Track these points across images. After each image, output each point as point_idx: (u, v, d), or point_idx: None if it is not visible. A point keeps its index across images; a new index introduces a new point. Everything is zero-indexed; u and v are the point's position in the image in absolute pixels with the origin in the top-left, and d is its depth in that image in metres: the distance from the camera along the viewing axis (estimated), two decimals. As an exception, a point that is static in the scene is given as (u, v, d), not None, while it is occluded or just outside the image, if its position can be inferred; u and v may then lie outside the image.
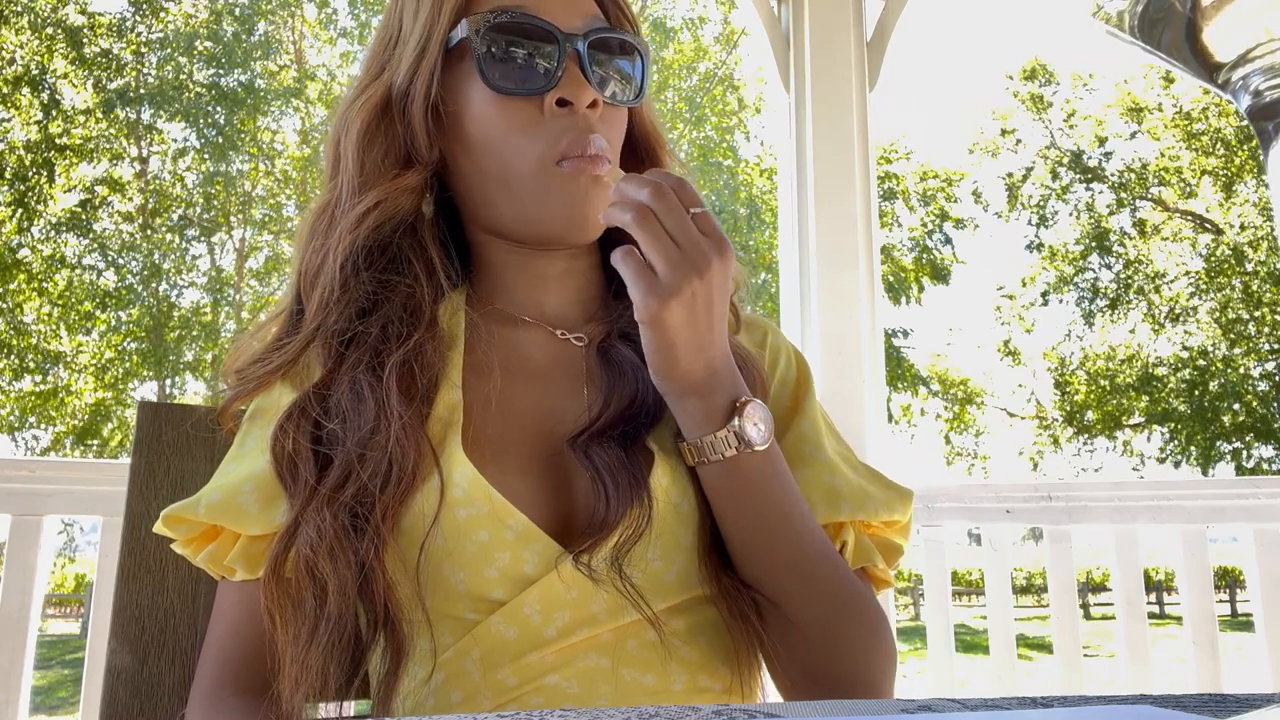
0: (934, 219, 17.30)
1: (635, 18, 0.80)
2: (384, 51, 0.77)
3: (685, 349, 0.64)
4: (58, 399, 13.20)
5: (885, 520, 0.74)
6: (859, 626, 0.68)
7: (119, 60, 13.71)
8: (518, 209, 0.73)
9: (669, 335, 0.63)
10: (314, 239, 0.75)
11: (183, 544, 0.71)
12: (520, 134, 0.71)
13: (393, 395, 0.67)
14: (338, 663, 0.63)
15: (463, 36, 0.72)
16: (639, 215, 0.62)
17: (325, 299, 0.73)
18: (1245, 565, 1.99)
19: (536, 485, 0.69)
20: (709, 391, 0.66)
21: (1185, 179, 16.55)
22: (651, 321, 0.62)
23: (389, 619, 0.64)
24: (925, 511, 2.01)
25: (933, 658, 2.03)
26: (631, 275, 0.63)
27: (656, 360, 0.65)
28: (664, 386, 0.67)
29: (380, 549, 0.64)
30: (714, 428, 0.65)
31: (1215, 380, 15.58)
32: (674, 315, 0.62)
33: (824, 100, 2.33)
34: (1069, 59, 19.89)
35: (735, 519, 0.67)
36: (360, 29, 14.34)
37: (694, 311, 0.63)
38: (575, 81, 0.71)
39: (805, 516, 0.68)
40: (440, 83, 0.73)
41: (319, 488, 0.66)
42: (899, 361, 16.32)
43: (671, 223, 0.62)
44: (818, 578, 0.67)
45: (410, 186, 0.74)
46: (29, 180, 12.87)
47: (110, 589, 1.16)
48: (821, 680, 0.68)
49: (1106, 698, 0.43)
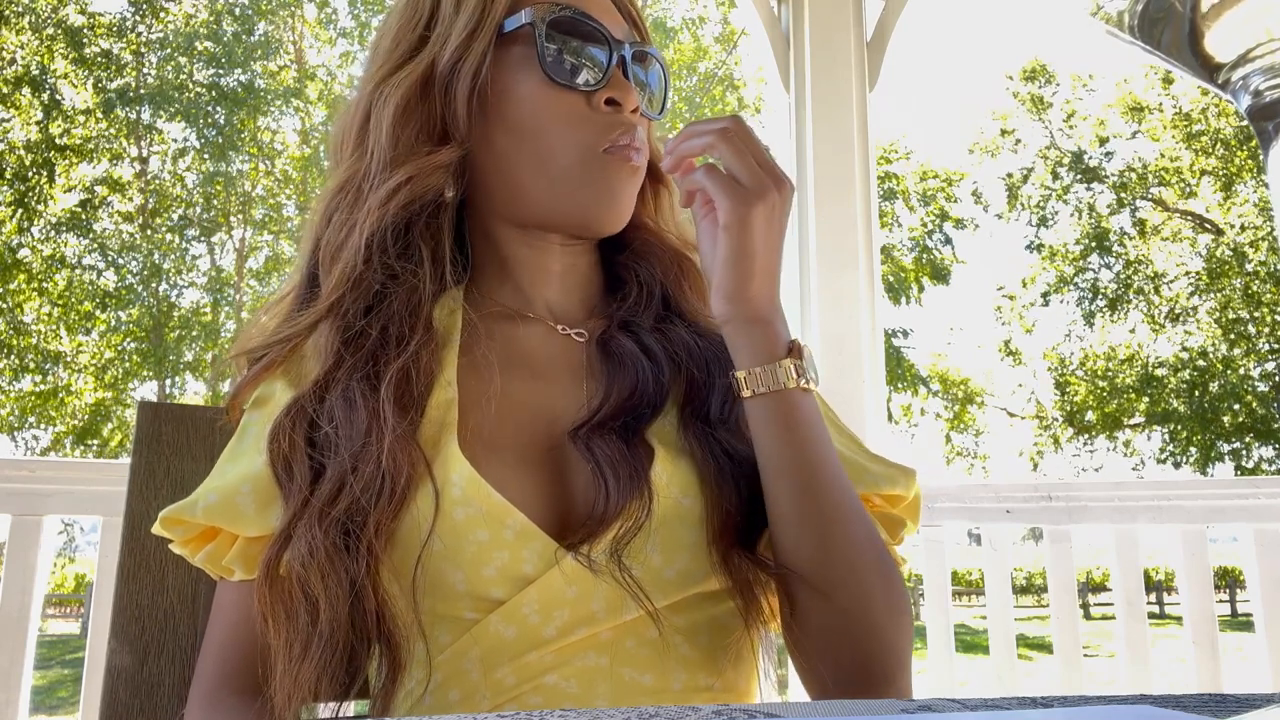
0: (934, 219, 17.31)
1: (649, 35, 0.83)
2: (415, 30, 0.77)
3: (761, 262, 0.66)
4: (58, 399, 13.21)
5: (886, 494, 0.74)
6: (891, 586, 0.67)
7: (119, 60, 13.72)
8: (551, 194, 0.74)
9: (752, 242, 0.65)
10: (338, 213, 0.75)
11: (181, 544, 0.71)
12: (567, 124, 0.73)
13: (387, 406, 0.66)
14: (330, 678, 0.63)
15: (524, 23, 0.73)
16: (723, 134, 0.66)
17: (347, 274, 0.72)
18: (1245, 565, 1.99)
19: (535, 480, 0.69)
20: (772, 319, 0.67)
21: (1185, 179, 16.56)
22: (740, 224, 0.64)
23: (383, 634, 0.64)
24: (926, 511, 2.00)
25: (933, 658, 2.03)
26: (717, 183, 0.65)
27: (733, 274, 0.66)
28: (732, 310, 0.67)
29: (373, 566, 0.64)
30: (776, 357, 0.66)
31: (1215, 381, 15.59)
32: (759, 220, 0.65)
33: (824, 100, 2.33)
34: (1069, 59, 19.91)
35: (785, 459, 0.66)
36: (360, 29, 14.34)
37: (772, 222, 0.66)
38: (623, 85, 0.74)
39: (845, 472, 0.69)
40: (490, 65, 0.74)
41: (312, 499, 0.65)
42: (899, 361, 16.33)
43: (751, 143, 0.67)
44: (861, 528, 0.67)
45: (442, 164, 0.74)
46: (29, 180, 12.88)
47: (110, 589, 1.16)
48: (853, 643, 0.66)
49: (1106, 698, 0.42)
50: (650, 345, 0.75)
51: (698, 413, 0.72)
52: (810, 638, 0.66)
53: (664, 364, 0.74)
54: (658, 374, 0.73)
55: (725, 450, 0.69)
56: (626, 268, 0.82)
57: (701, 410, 0.72)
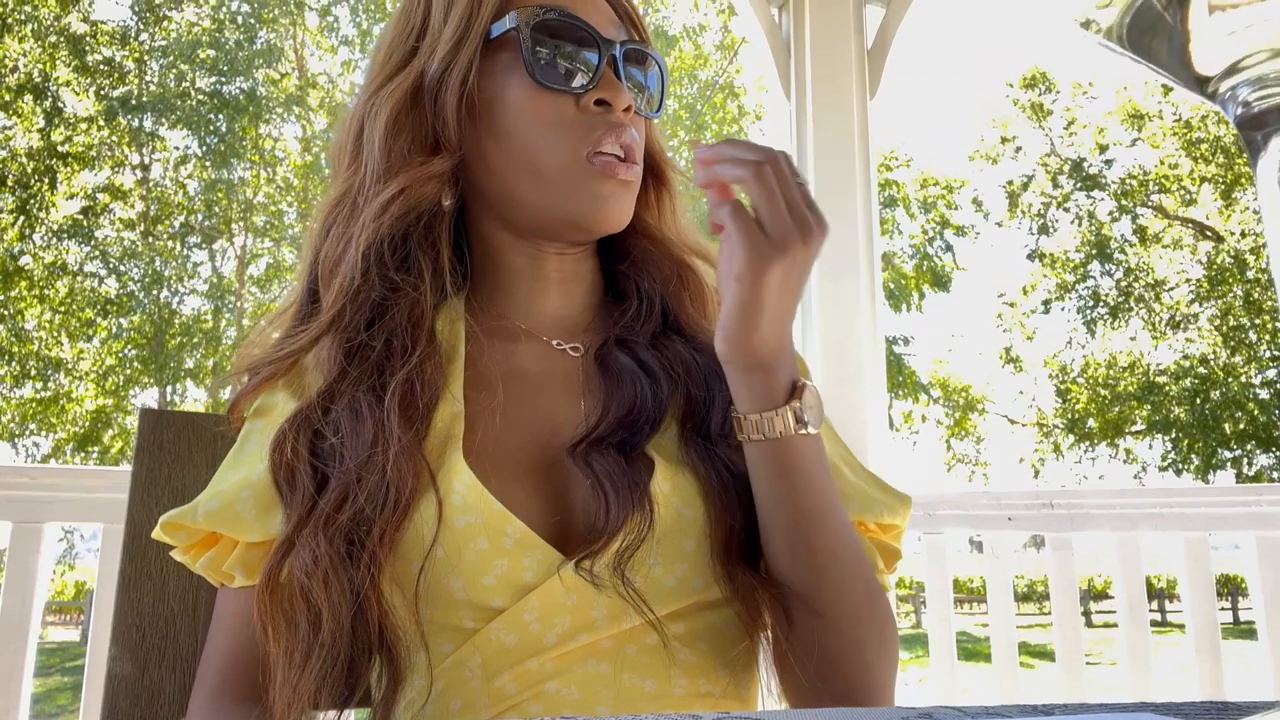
0: (934, 226, 17.31)
1: (649, 37, 0.82)
2: (406, 42, 0.77)
3: (770, 315, 0.63)
4: (58, 406, 13.21)
5: (884, 523, 0.74)
6: (882, 623, 0.68)
7: (121, 68, 13.75)
8: (542, 199, 0.74)
9: (762, 298, 0.62)
10: (335, 226, 0.75)
11: (181, 550, 0.71)
12: (554, 127, 0.72)
13: (393, 417, 0.66)
14: (330, 689, 0.63)
15: (509, 28, 0.73)
16: (758, 172, 0.63)
17: (345, 287, 0.72)
18: (1247, 572, 1.99)
19: (536, 494, 0.69)
20: (775, 366, 0.65)
21: (1185, 186, 16.57)
22: (753, 280, 0.61)
23: (385, 644, 0.64)
24: (926, 519, 2.01)
25: (934, 665, 2.02)
26: (741, 231, 0.62)
27: (738, 325, 0.63)
28: (732, 356, 0.65)
29: (376, 575, 0.63)
30: (775, 404, 0.65)
31: (1216, 388, 15.57)
32: (774, 277, 0.61)
33: (825, 108, 2.34)
34: (1069, 67, 19.93)
35: (782, 501, 0.66)
36: (362, 37, 14.37)
37: (789, 278, 0.62)
38: (613, 85, 0.73)
39: (843, 510, 0.68)
40: (477, 72, 0.74)
41: (315, 508, 0.65)
42: (900, 368, 16.31)
43: (784, 186, 0.63)
44: (854, 570, 0.67)
45: (435, 173, 0.74)
46: (31, 187, 12.90)
47: (111, 596, 1.16)
48: (837, 675, 0.67)
49: (1109, 705, 0.43)
50: (647, 361, 0.74)
51: (698, 429, 0.71)
52: (800, 660, 0.67)
53: (662, 380, 0.73)
54: (655, 390, 0.73)
55: (727, 466, 0.69)
56: (627, 277, 0.82)
57: (702, 427, 0.72)
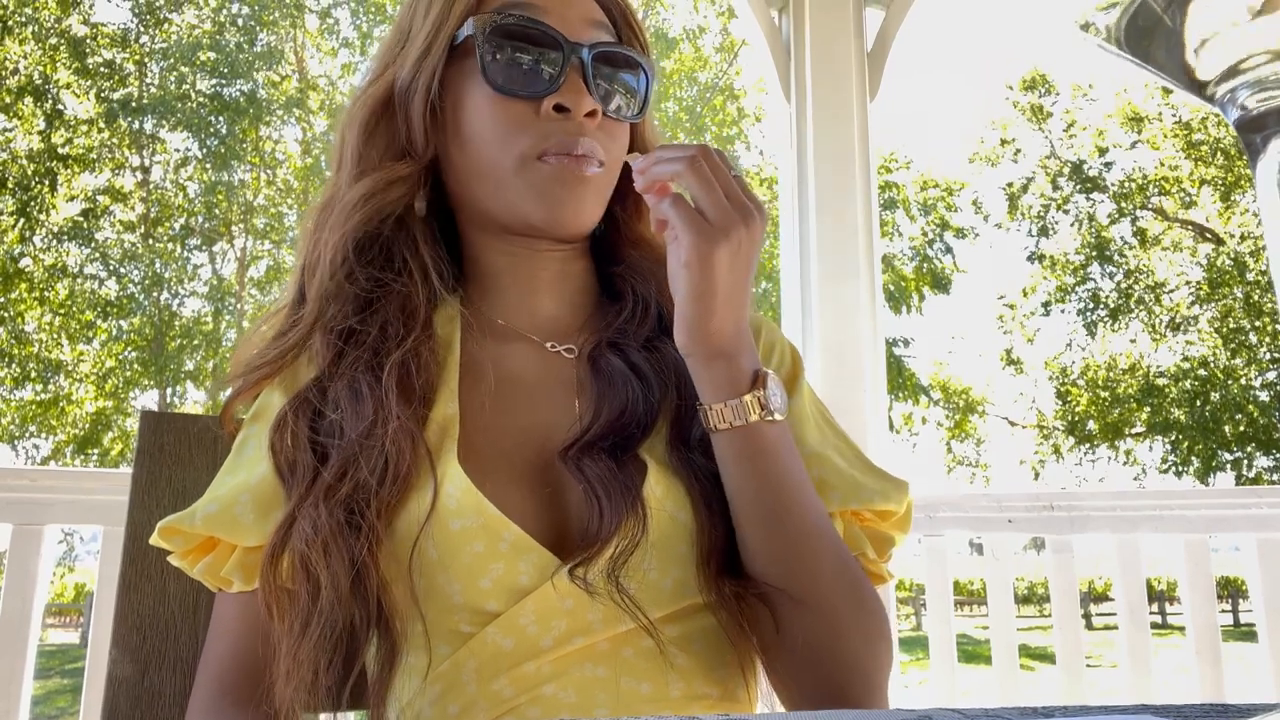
0: (934, 228, 17.31)
1: (645, 37, 0.81)
2: (391, 50, 0.78)
3: (724, 299, 0.64)
4: (59, 408, 13.20)
5: (878, 510, 0.74)
6: (863, 611, 0.67)
7: (122, 70, 13.75)
8: (501, 204, 0.74)
9: (714, 281, 0.63)
10: (317, 231, 0.77)
11: (180, 555, 0.72)
12: (510, 131, 0.72)
13: (391, 395, 0.68)
14: (329, 659, 0.63)
15: (468, 34, 0.73)
16: (692, 164, 0.64)
17: (323, 289, 0.74)
18: (1248, 575, 1.99)
19: (530, 498, 0.69)
20: (736, 353, 0.66)
21: (1185, 188, 16.57)
22: (701, 263, 0.63)
23: (382, 617, 0.65)
24: (927, 521, 2.01)
25: (935, 667, 2.02)
26: (683, 220, 0.63)
27: (694, 311, 0.64)
28: (693, 346, 0.66)
29: (374, 546, 0.64)
30: (739, 392, 0.66)
31: (1216, 390, 15.57)
32: (721, 259, 0.63)
33: (825, 110, 2.34)
34: (1069, 69, 19.94)
35: (751, 489, 0.66)
36: (362, 39, 14.39)
37: (737, 260, 0.63)
38: (575, 89, 0.72)
39: (814, 493, 0.69)
40: (441, 79, 0.74)
41: (318, 479, 0.66)
42: (900, 370, 16.31)
43: (719, 175, 0.65)
44: (827, 554, 0.67)
45: (400, 176, 0.75)
46: (31, 189, 12.89)
47: (111, 598, 1.16)
48: (824, 669, 0.67)
49: (1109, 708, 0.43)
50: (639, 364, 0.74)
51: (682, 436, 0.72)
52: (786, 654, 0.67)
53: (654, 383, 0.73)
54: (648, 394, 0.73)
55: (708, 474, 0.69)
56: (623, 279, 0.82)
57: (685, 435, 0.72)
